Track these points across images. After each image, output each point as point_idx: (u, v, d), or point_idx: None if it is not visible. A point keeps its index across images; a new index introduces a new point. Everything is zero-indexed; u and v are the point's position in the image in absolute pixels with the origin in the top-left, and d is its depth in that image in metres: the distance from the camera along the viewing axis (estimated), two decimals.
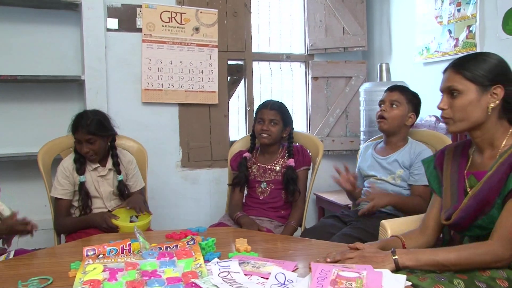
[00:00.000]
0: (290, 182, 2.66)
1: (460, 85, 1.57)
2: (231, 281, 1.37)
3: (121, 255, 1.66)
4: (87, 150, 2.45)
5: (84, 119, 2.47)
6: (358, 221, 2.47)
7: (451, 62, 1.64)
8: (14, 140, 3.30)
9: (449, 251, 1.50)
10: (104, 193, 2.55)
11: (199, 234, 1.92)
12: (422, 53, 3.56)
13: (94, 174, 2.54)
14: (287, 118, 2.76)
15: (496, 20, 2.95)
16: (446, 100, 1.62)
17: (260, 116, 2.74)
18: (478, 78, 1.56)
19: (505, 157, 1.53)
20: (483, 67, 1.57)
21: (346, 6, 4.05)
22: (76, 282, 1.42)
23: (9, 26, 3.29)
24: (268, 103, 2.77)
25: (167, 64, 3.56)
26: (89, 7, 3.29)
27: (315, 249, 1.87)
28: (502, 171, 1.51)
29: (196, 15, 3.61)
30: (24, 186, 3.21)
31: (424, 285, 1.37)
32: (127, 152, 2.70)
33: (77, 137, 2.48)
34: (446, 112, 1.62)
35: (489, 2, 3.01)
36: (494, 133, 1.61)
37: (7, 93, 3.31)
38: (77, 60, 3.44)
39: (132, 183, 2.65)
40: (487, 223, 1.55)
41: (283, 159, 2.74)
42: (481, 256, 1.46)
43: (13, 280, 1.48)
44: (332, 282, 1.26)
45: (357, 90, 3.98)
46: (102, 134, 2.48)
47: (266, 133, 2.69)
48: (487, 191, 1.54)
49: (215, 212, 3.56)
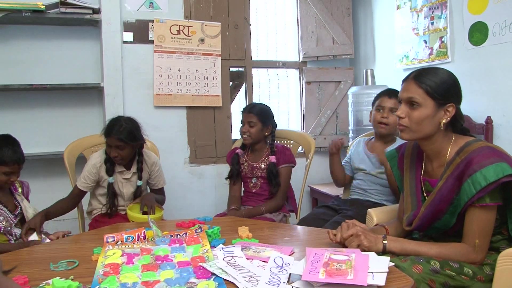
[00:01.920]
0: (271, 176, 2.66)
1: (420, 99, 1.55)
2: (234, 265, 1.37)
3: (137, 241, 1.67)
4: (115, 154, 2.40)
5: (117, 126, 2.39)
6: (348, 210, 2.48)
7: (413, 73, 1.61)
8: (42, 140, 3.30)
9: (431, 247, 1.53)
10: (126, 194, 2.53)
11: (205, 223, 1.92)
12: (402, 60, 3.56)
13: (119, 176, 2.52)
14: (265, 119, 2.73)
15: (463, 32, 2.96)
16: (404, 109, 1.59)
17: (242, 119, 2.75)
18: (437, 95, 1.54)
19: (452, 169, 1.54)
20: (443, 86, 1.55)
21: (335, 19, 4.04)
22: (98, 265, 1.43)
23: (39, 42, 3.30)
24: (247, 107, 2.79)
25: (176, 71, 3.55)
26: (108, 23, 3.29)
27: (308, 236, 1.88)
28: (451, 182, 1.53)
29: (201, 28, 3.61)
30: (50, 182, 3.22)
31: (405, 265, 1.40)
32: (152, 154, 2.66)
33: (108, 142, 2.42)
34: (403, 121, 1.59)
35: (457, 17, 3.02)
36: (440, 143, 1.61)
37: (38, 100, 3.32)
38: (96, 70, 3.44)
39: (154, 182, 2.64)
40: (442, 226, 1.60)
41: (267, 157, 2.74)
42: (458, 256, 1.50)
43: (45, 262, 1.50)
44: (325, 264, 1.27)
45: (346, 93, 3.98)
46: (132, 143, 2.42)
47: (246, 134, 2.70)
48: (439, 201, 1.56)
49: (219, 203, 3.56)
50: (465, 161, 1.50)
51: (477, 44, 2.87)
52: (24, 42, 3.26)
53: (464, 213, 1.52)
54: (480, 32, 2.84)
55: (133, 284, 1.26)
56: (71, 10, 3.09)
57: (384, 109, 2.49)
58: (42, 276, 1.35)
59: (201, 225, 1.80)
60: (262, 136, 2.73)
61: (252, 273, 1.30)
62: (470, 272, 1.46)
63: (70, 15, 3.11)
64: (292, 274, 1.28)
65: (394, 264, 1.34)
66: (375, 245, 1.51)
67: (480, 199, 1.47)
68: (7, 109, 3.25)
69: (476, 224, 1.48)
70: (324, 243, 1.61)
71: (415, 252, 1.50)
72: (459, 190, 1.50)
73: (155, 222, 1.80)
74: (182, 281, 1.27)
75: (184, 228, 1.84)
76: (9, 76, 3.20)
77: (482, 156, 1.47)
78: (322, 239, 1.68)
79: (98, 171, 2.48)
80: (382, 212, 2.09)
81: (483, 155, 1.48)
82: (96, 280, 1.30)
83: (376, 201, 2.51)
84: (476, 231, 1.48)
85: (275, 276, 1.27)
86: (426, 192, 1.65)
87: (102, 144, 2.71)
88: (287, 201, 2.81)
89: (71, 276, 1.34)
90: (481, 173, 1.44)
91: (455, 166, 1.53)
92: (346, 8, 4.07)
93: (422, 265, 1.41)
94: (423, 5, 3.31)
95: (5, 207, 2.15)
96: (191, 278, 1.29)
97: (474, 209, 1.49)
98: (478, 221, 1.48)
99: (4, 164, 2.10)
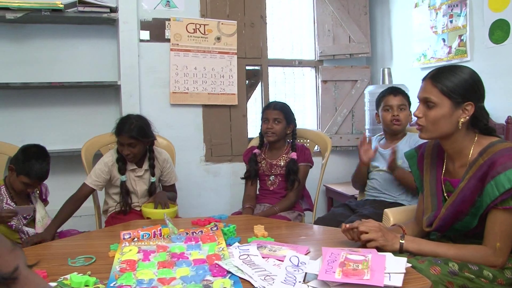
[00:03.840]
0: (291, 172, 2.64)
1: (436, 98, 1.54)
2: (250, 263, 1.37)
3: (153, 238, 1.68)
4: (128, 152, 2.41)
5: (127, 124, 2.40)
6: (365, 209, 2.47)
7: (430, 73, 1.60)
8: (60, 137, 3.34)
9: (449, 248, 1.50)
10: (139, 191, 2.55)
11: (221, 221, 1.93)
12: (420, 59, 3.52)
13: (132, 174, 2.53)
14: (289, 116, 2.73)
15: (483, 30, 2.92)
16: (421, 108, 1.59)
17: (265, 116, 2.72)
18: (452, 94, 1.52)
19: (475, 170, 1.51)
20: (459, 84, 1.52)
21: (352, 17, 4.01)
22: (115, 261, 1.44)
23: (57, 41, 3.34)
24: (272, 104, 2.76)
25: (192, 70, 3.56)
26: (125, 21, 3.32)
27: (324, 235, 1.87)
28: (473, 183, 1.50)
29: (217, 26, 3.61)
30: (67, 178, 3.25)
31: (422, 266, 1.38)
32: (163, 151, 2.67)
33: (120, 140, 2.42)
34: (420, 120, 1.59)
35: (477, 15, 2.98)
36: (462, 142, 1.58)
37: (56, 98, 3.36)
38: (113, 68, 3.46)
39: (166, 179, 2.65)
40: (462, 227, 1.58)
41: (287, 154, 2.73)
42: (477, 258, 1.47)
43: (63, 257, 1.52)
44: (341, 264, 1.26)
45: (362, 92, 3.95)
46: (143, 140, 2.44)
47: (270, 131, 2.68)
48: (461, 202, 1.54)
49: (234, 202, 3.55)
50: (489, 162, 1.47)
51: (498, 42, 2.83)
52: (42, 41, 3.31)
53: (485, 215, 1.49)
54: (501, 29, 2.79)
55: (149, 280, 1.27)
56: (89, 9, 3.13)
57: (392, 107, 2.54)
58: (60, 271, 1.37)
59: (216, 223, 1.80)
60: (285, 134, 2.73)
61: (267, 272, 1.30)
62: (490, 275, 1.44)
63: (88, 14, 3.14)
64: (308, 274, 1.28)
65: (411, 265, 1.33)
66: (391, 243, 1.49)
67: (504, 202, 1.44)
68: (26, 106, 3.30)
69: (498, 227, 1.46)
70: (340, 243, 1.60)
71: (433, 253, 1.48)
72: (482, 191, 1.48)
73: (171, 219, 1.81)
74: (198, 278, 1.28)
75: (199, 226, 1.85)
76: (28, 74, 3.24)
77: (507, 157, 1.44)
78: (338, 239, 1.67)
79: (110, 169, 2.49)
80: (399, 212, 2.07)
81: (507, 156, 1.45)
82: (113, 276, 1.31)
83: (391, 201, 2.50)
84: (498, 234, 1.46)
85: (291, 275, 1.27)
86: (446, 193, 1.63)
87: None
88: (303, 200, 2.80)
89: (88, 272, 1.35)
90: (505, 175, 1.41)
91: (478, 167, 1.50)
92: (363, 6, 4.04)
93: (440, 266, 1.39)
94: (442, 3, 3.27)
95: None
96: (207, 276, 1.30)
97: (497, 212, 1.46)
98: (500, 224, 1.46)
99: (27, 176, 2.11)
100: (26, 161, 2.12)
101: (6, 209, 2.07)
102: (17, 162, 2.14)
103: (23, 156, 2.14)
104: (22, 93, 3.27)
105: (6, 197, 2.17)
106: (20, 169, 2.11)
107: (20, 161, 2.13)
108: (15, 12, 2.95)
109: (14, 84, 3.09)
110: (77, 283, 1.25)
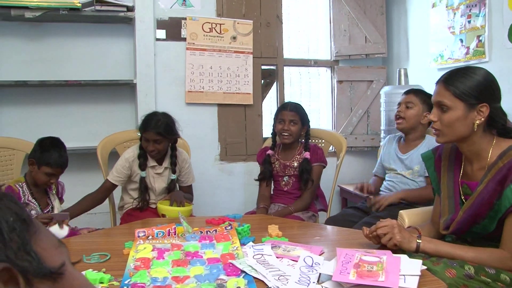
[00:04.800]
0: (304, 171, 2.63)
1: (449, 102, 1.52)
2: (264, 263, 1.37)
3: (167, 237, 1.69)
4: (152, 148, 2.42)
5: (154, 120, 2.42)
6: (378, 211, 2.45)
7: (443, 76, 1.58)
8: (76, 135, 3.36)
9: (467, 251, 1.48)
10: (157, 188, 2.56)
11: (235, 221, 1.93)
12: (437, 59, 3.48)
13: (151, 171, 2.55)
14: (304, 117, 2.72)
15: (503, 31, 2.88)
16: (436, 112, 1.57)
17: (280, 117, 2.70)
18: (466, 96, 1.50)
19: (494, 173, 1.49)
20: (471, 86, 1.50)
21: (368, 17, 3.99)
22: (129, 259, 1.45)
23: (74, 40, 3.38)
24: (288, 104, 2.74)
25: (207, 69, 3.57)
26: (141, 20, 3.34)
27: (338, 236, 1.86)
28: (492, 187, 1.48)
29: (233, 26, 3.62)
30: (83, 176, 3.28)
31: (437, 269, 1.36)
32: (183, 151, 2.68)
33: (145, 136, 2.43)
34: (436, 124, 1.58)
35: (496, 15, 2.94)
36: (479, 145, 1.56)
37: (72, 96, 3.40)
38: (129, 66, 3.49)
39: (184, 179, 2.67)
40: (480, 231, 1.55)
41: (300, 155, 2.72)
42: (495, 262, 1.44)
43: (78, 254, 1.53)
44: (356, 265, 1.25)
45: (378, 93, 3.92)
46: (169, 137, 2.45)
47: (287, 133, 2.66)
48: (479, 205, 1.51)
49: (248, 201, 3.55)
50: (508, 165, 1.45)
51: None
52: (59, 39, 3.35)
53: (504, 218, 1.47)
54: None
55: (164, 279, 1.28)
56: (106, 8, 3.16)
57: (400, 105, 2.58)
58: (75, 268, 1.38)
59: (231, 223, 1.81)
60: (300, 135, 2.72)
61: (281, 272, 1.30)
62: (508, 279, 1.42)
63: (105, 13, 3.17)
64: (322, 274, 1.27)
65: (426, 268, 1.31)
66: (408, 242, 1.48)
67: None
68: (42, 104, 3.34)
69: None
70: (354, 244, 1.59)
71: (450, 254, 1.46)
72: (501, 195, 1.45)
73: (185, 218, 1.81)
74: (212, 277, 1.28)
75: (214, 225, 1.85)
76: (45, 72, 3.28)
77: None
78: (352, 240, 1.66)
79: (130, 165, 2.51)
80: (414, 214, 2.05)
81: None
82: (127, 274, 1.32)
83: (406, 204, 2.48)
84: None
85: (305, 275, 1.26)
86: (464, 195, 1.61)
87: (134, 140, 2.75)
88: (317, 200, 2.79)
89: (103, 269, 1.37)
90: None
91: (497, 170, 1.48)
92: (380, 6, 4.01)
93: (456, 269, 1.37)
94: (460, 3, 3.23)
95: (38, 204, 2.21)
96: (221, 275, 1.30)
97: None
98: None
99: (48, 165, 2.15)
100: (45, 152, 2.16)
101: (42, 214, 2.11)
102: (36, 154, 2.18)
103: (40, 147, 2.19)
104: (39, 91, 3.31)
105: (27, 194, 2.20)
106: (40, 160, 2.15)
107: (38, 153, 2.17)
108: (34, 11, 3.00)
109: (31, 82, 3.14)
110: (92, 280, 1.26)
